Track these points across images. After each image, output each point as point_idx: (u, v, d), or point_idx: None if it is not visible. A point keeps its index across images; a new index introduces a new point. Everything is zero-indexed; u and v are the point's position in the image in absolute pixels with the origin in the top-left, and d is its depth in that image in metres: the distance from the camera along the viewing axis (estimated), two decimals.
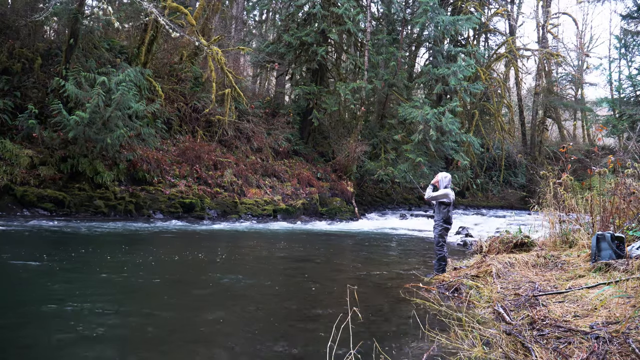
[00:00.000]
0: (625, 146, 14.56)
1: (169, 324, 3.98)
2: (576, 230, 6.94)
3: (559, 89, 27.61)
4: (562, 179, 7.44)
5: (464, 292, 5.16)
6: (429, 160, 17.26)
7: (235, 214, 13.55)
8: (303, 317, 4.37)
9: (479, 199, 24.97)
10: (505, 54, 24.06)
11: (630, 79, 21.47)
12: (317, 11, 17.25)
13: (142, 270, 5.77)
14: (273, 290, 5.36)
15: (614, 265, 4.98)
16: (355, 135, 18.04)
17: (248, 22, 25.25)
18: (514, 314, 4.15)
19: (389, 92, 19.50)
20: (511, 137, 25.70)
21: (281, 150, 17.43)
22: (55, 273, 5.39)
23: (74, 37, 12.02)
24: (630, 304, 3.78)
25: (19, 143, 11.29)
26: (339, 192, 16.97)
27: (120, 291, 4.92)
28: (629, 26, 21.39)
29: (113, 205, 11.62)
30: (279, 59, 18.63)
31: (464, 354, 3.27)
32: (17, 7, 13.09)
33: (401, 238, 11.35)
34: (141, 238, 8.83)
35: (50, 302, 4.30)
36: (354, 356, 2.92)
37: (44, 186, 10.94)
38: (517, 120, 27.68)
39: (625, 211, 6.44)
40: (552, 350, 3.19)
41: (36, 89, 12.30)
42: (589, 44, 32.17)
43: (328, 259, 7.81)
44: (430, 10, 17.79)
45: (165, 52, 16.55)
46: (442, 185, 6.37)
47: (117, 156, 12.02)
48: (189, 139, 15.09)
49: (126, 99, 11.22)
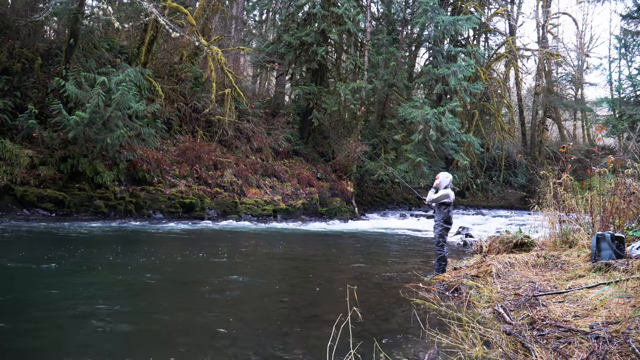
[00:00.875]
0: (625, 146, 14.56)
1: (170, 324, 3.98)
2: (576, 230, 6.94)
3: (559, 89, 27.62)
4: (562, 179, 7.44)
5: (464, 292, 5.16)
6: (429, 160, 17.26)
7: (235, 214, 13.55)
8: (303, 316, 4.37)
9: (479, 199, 24.98)
10: (505, 54, 24.06)
11: (630, 79, 21.47)
12: (317, 11, 17.25)
13: (145, 271, 5.76)
14: (273, 290, 5.36)
15: (614, 265, 4.98)
16: (355, 135, 18.04)
17: (248, 22, 25.26)
18: (514, 314, 4.15)
19: (389, 92, 19.50)
20: (511, 137, 25.71)
21: (281, 150, 17.44)
22: (57, 274, 5.38)
23: (74, 37, 12.02)
24: (630, 304, 3.78)
25: (19, 143, 11.29)
26: (339, 192, 16.97)
27: (123, 291, 4.92)
28: (629, 26, 21.39)
29: (113, 205, 11.63)
30: (279, 59, 18.63)
31: (464, 354, 3.27)
32: (17, 7, 13.09)
33: (401, 238, 11.35)
34: (142, 238, 8.82)
35: (52, 303, 4.30)
36: (354, 356, 2.92)
37: (44, 186, 10.94)
38: (517, 120, 27.69)
39: (625, 211, 6.44)
40: (552, 350, 3.19)
41: (36, 89, 12.30)
42: (589, 44, 32.20)
43: (328, 259, 7.80)
44: (430, 10, 17.80)
45: (165, 52, 16.55)
46: (442, 186, 6.37)
47: (117, 156, 12.02)
48: (189, 139, 15.09)
49: (126, 99, 11.22)
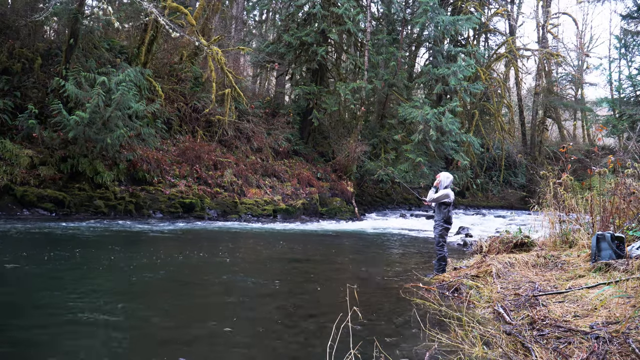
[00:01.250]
0: (625, 146, 14.56)
1: (170, 324, 3.98)
2: (576, 230, 6.94)
3: (559, 89, 27.62)
4: (562, 179, 7.44)
5: (464, 292, 5.16)
6: (429, 160, 17.26)
7: (235, 214, 13.55)
8: (303, 316, 4.37)
9: (479, 199, 24.97)
10: (505, 54, 24.06)
11: (630, 79, 21.48)
12: (317, 11, 17.25)
13: (145, 271, 5.77)
14: (273, 290, 5.36)
15: (614, 265, 4.98)
16: (355, 135, 18.04)
17: (248, 22, 25.25)
18: (514, 314, 4.15)
19: (389, 92, 19.50)
20: (511, 137, 25.70)
21: (281, 150, 17.43)
22: (57, 274, 5.38)
23: (74, 37, 12.02)
24: (630, 304, 3.78)
25: (19, 143, 11.29)
26: (339, 192, 16.97)
27: (123, 291, 4.92)
28: (629, 26, 21.40)
29: (113, 205, 11.63)
30: (279, 59, 18.63)
31: (464, 353, 3.27)
32: (17, 7, 13.09)
33: (401, 238, 11.35)
34: (142, 238, 8.82)
35: (52, 304, 4.30)
36: (354, 356, 2.92)
37: (44, 186, 10.94)
38: (517, 120, 27.69)
39: (625, 211, 6.44)
40: (552, 350, 3.19)
41: (36, 89, 12.30)
42: (589, 44, 32.19)
43: (328, 259, 7.80)
44: (430, 10, 17.80)
45: (165, 52, 16.55)
46: (442, 186, 6.37)
47: (117, 156, 12.02)
48: (189, 139, 15.08)
49: (126, 99, 11.22)
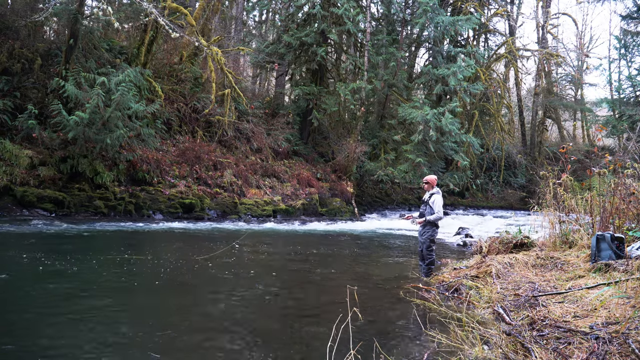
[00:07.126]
0: (625, 146, 14.56)
1: (170, 324, 3.98)
2: (576, 230, 6.93)
3: (559, 89, 27.65)
4: (562, 180, 7.44)
5: (464, 293, 5.16)
6: (429, 161, 17.27)
7: (235, 214, 13.55)
8: (303, 316, 4.37)
9: (479, 200, 24.98)
10: (505, 55, 24.06)
11: (630, 79, 21.50)
12: (317, 12, 17.25)
13: (145, 271, 5.77)
14: (273, 290, 5.36)
15: (613, 265, 4.98)
16: (355, 135, 18.04)
17: (248, 23, 25.28)
18: (514, 314, 4.15)
19: (388, 93, 19.51)
20: (511, 137, 25.72)
21: (281, 151, 17.43)
22: (57, 274, 5.38)
23: (73, 38, 12.02)
24: (630, 304, 3.78)
25: (19, 143, 11.28)
26: (338, 193, 16.96)
27: (123, 291, 4.91)
28: (628, 26, 21.42)
29: (113, 206, 11.62)
30: (278, 60, 18.63)
31: (463, 354, 3.27)
32: (17, 8, 13.09)
33: (401, 238, 11.35)
34: (142, 238, 8.82)
35: (52, 304, 4.30)
36: (354, 356, 2.92)
37: (43, 186, 10.94)
38: (516, 120, 27.71)
39: (625, 211, 6.43)
40: (551, 350, 3.19)
41: (36, 89, 12.30)
42: (588, 45, 32.22)
43: (328, 259, 7.80)
44: (430, 11, 17.80)
45: (165, 53, 16.55)
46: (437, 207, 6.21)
47: (117, 156, 12.01)
48: (188, 140, 15.08)
49: (126, 100, 11.22)
